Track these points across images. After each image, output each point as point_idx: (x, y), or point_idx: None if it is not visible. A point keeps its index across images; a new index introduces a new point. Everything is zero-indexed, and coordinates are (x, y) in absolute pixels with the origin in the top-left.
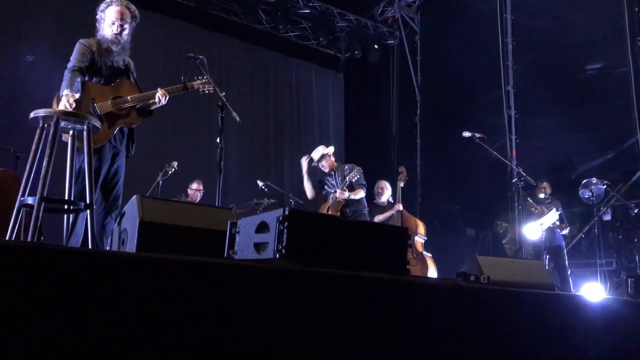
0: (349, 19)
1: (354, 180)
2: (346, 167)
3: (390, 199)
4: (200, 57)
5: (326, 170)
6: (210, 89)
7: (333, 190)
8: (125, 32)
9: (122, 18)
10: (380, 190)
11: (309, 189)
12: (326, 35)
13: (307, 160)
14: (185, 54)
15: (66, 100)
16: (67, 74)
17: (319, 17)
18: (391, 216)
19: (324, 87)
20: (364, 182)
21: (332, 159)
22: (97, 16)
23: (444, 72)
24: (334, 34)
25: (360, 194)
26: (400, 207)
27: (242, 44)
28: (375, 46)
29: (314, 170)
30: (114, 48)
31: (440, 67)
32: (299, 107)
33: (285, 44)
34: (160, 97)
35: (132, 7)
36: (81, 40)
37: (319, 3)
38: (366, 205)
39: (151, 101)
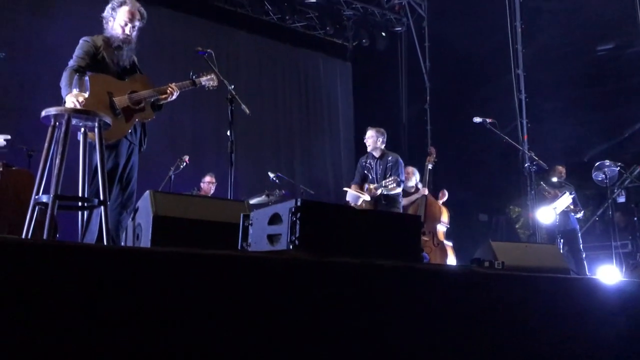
0: (356, 7)
1: (391, 179)
2: (390, 159)
3: (419, 185)
4: (208, 50)
5: (368, 147)
6: (215, 85)
7: (370, 179)
8: (135, 32)
9: (133, 19)
10: (406, 176)
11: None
12: (333, 25)
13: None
14: (193, 47)
15: (75, 98)
16: (65, 73)
17: (326, 7)
18: (415, 200)
19: (332, 77)
20: (402, 178)
21: (379, 142)
22: (106, 14)
23: (453, 58)
24: (340, 23)
25: (397, 190)
26: (425, 191)
27: (249, 35)
28: (383, 34)
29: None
30: (124, 47)
31: (449, 53)
32: (308, 97)
33: (292, 35)
34: (172, 92)
35: (141, 8)
36: (85, 38)
37: None
38: (401, 197)
39: (163, 96)
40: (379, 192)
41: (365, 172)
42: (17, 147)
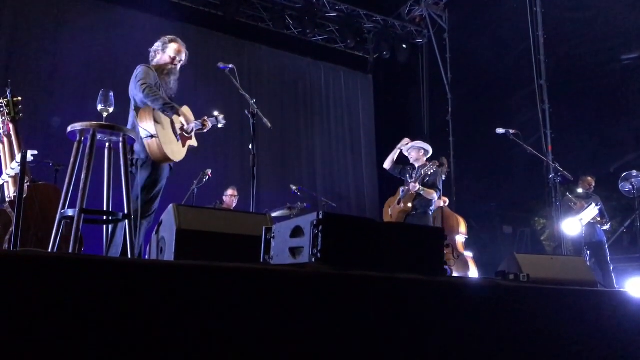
0: (376, 19)
1: (430, 180)
2: (429, 166)
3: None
4: (230, 65)
5: (411, 159)
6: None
7: (407, 183)
8: (179, 66)
9: (180, 54)
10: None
11: (389, 159)
12: (354, 37)
13: (404, 141)
14: (215, 63)
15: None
16: (148, 92)
17: (346, 20)
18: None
19: (354, 89)
20: (440, 187)
21: (421, 154)
22: (156, 47)
23: (474, 69)
24: (361, 36)
25: (433, 195)
26: (441, 203)
27: (270, 50)
28: (404, 46)
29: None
30: (172, 76)
31: (470, 64)
32: (329, 110)
33: (313, 48)
34: (206, 125)
35: (186, 49)
36: (143, 65)
37: (346, 5)
38: (433, 207)
39: (204, 126)
40: (417, 187)
41: (402, 177)
42: (44, 162)
